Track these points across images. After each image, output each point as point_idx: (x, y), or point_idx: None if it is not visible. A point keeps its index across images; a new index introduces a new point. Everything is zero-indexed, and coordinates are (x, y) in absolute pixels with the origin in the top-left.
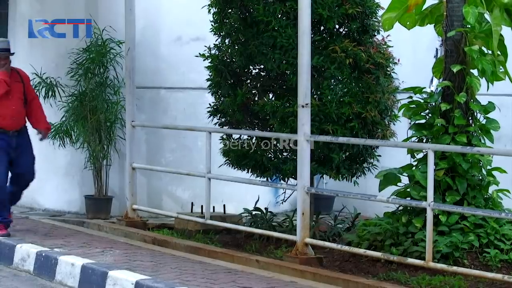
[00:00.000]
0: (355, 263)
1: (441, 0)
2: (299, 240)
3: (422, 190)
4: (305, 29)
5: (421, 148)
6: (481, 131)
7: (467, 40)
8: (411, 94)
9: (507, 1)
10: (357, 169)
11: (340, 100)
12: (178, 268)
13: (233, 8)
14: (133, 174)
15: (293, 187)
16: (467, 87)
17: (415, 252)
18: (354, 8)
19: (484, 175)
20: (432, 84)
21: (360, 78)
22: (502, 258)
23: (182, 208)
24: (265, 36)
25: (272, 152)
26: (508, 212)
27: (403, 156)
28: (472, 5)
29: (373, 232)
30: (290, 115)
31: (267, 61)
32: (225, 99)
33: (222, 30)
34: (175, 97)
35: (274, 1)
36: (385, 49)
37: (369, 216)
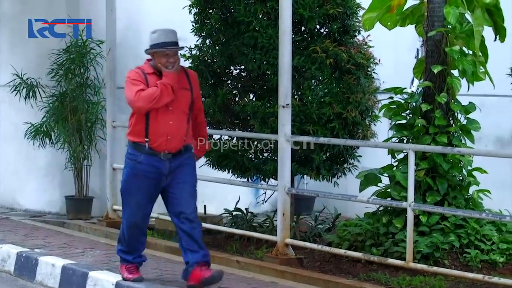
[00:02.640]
0: (335, 263)
1: (422, 1)
2: (280, 241)
3: (402, 191)
4: (286, 30)
5: (402, 149)
6: (461, 131)
7: (447, 41)
8: (392, 94)
9: (489, 1)
10: (338, 169)
11: (320, 101)
12: (159, 268)
13: (214, 8)
14: (113, 175)
15: (273, 188)
16: (447, 88)
17: (396, 253)
18: (335, 8)
19: (464, 176)
20: (413, 85)
21: (341, 79)
22: (483, 258)
23: (163, 208)
24: (246, 37)
25: (252, 152)
26: (489, 212)
27: (384, 156)
28: (453, 5)
29: (354, 233)
30: (271, 116)
31: (248, 62)
32: (206, 99)
33: (203, 30)
34: None
35: (255, 1)
36: (366, 50)
37: (350, 217)
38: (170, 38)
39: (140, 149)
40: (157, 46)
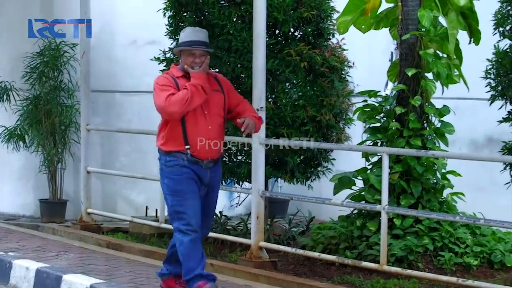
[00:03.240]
0: (309, 266)
1: (396, 4)
2: (254, 244)
3: (376, 194)
4: (260, 33)
5: (376, 152)
6: (436, 134)
7: (422, 44)
8: (366, 97)
9: (463, 4)
10: (312, 172)
11: (294, 104)
12: (133, 271)
13: (188, 11)
14: (87, 178)
15: (247, 191)
16: (422, 91)
17: (370, 256)
18: (309, 11)
19: (438, 179)
20: (387, 88)
21: (315, 82)
22: (457, 261)
23: (137, 211)
24: (220, 40)
25: (226, 155)
26: (463, 215)
27: (358, 159)
28: (427, 8)
29: (328, 236)
30: None
31: (222, 65)
32: None
33: (177, 33)
34: (130, 100)
35: (229, 4)
36: (340, 53)
37: (324, 220)
38: (198, 37)
39: (181, 156)
40: (184, 44)
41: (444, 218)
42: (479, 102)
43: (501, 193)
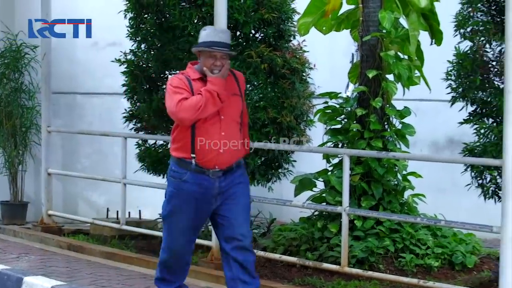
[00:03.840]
0: (270, 268)
1: (357, 5)
2: (215, 246)
3: (337, 195)
4: None
5: (337, 153)
6: (396, 136)
7: (383, 45)
8: (327, 99)
9: (424, 5)
10: (273, 174)
11: (255, 105)
12: (94, 273)
13: (149, 13)
14: (48, 180)
15: None
16: (383, 92)
17: (331, 257)
18: (270, 13)
19: (399, 180)
20: (348, 89)
21: (276, 83)
22: (418, 263)
23: (98, 213)
24: (181, 41)
25: None
26: (424, 217)
27: (319, 161)
28: (388, 10)
29: (289, 237)
30: None
31: (183, 66)
32: (141, 104)
33: (138, 35)
34: (91, 102)
35: (190, 6)
36: (301, 54)
37: (285, 221)
38: (220, 38)
39: (185, 166)
40: (203, 45)
41: (405, 220)
42: (440, 103)
43: (462, 194)
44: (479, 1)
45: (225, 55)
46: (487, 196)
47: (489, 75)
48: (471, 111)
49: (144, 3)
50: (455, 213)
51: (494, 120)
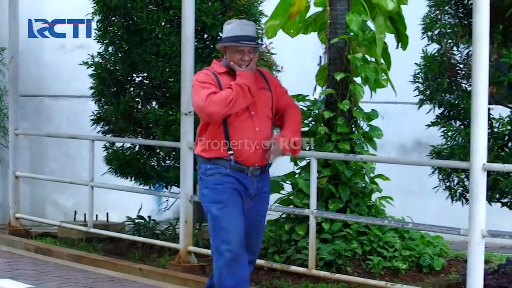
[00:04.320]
0: None
1: (325, 8)
2: (182, 248)
3: (305, 198)
4: (189, 37)
5: (304, 156)
6: (364, 138)
7: (350, 48)
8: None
9: (391, 8)
10: None
11: None
12: (61, 276)
13: (116, 16)
14: (16, 183)
15: (176, 195)
16: (350, 95)
17: (298, 260)
18: (237, 15)
19: (367, 183)
20: (315, 92)
21: None
22: (385, 265)
23: (66, 216)
24: (148, 44)
25: (155, 160)
26: (391, 219)
27: (286, 163)
28: (356, 13)
29: None
30: (173, 123)
31: (151, 69)
32: (108, 107)
33: (105, 38)
34: (59, 105)
35: (158, 9)
36: (268, 57)
37: None
38: (246, 32)
39: (224, 163)
40: (230, 39)
41: (372, 222)
42: (407, 106)
43: (429, 197)
44: (447, 4)
45: (253, 49)
46: (455, 199)
47: (456, 78)
48: (439, 113)
49: (112, 6)
50: (422, 216)
51: (461, 123)
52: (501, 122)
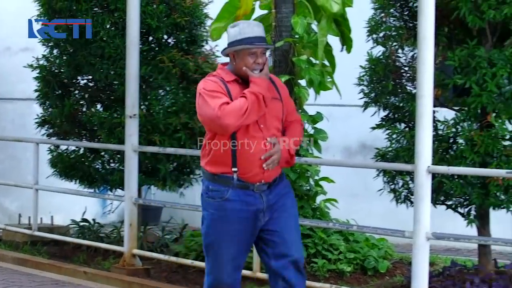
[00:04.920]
0: (182, 273)
1: (270, 11)
2: (127, 251)
3: None
4: (134, 39)
5: None
6: (309, 141)
7: (295, 51)
8: None
9: (336, 11)
10: (185, 180)
11: (167, 111)
12: (6, 280)
13: (61, 18)
14: None
15: (120, 198)
16: (295, 97)
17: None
18: (182, 18)
19: (311, 185)
20: None
21: (188, 88)
22: (330, 268)
23: (10, 219)
24: (93, 47)
25: (100, 162)
26: (336, 222)
27: None
28: (301, 15)
29: (201, 243)
30: (118, 126)
31: (95, 72)
32: (53, 109)
33: (50, 40)
34: (4, 107)
35: (103, 11)
36: (213, 59)
37: (197, 227)
38: (257, 33)
39: (226, 182)
40: (242, 42)
41: (317, 225)
42: (352, 108)
43: (374, 199)
44: (392, 7)
45: (264, 51)
46: (399, 201)
47: (401, 80)
48: (383, 116)
49: (57, 8)
50: (367, 218)
51: (406, 125)
52: (445, 125)
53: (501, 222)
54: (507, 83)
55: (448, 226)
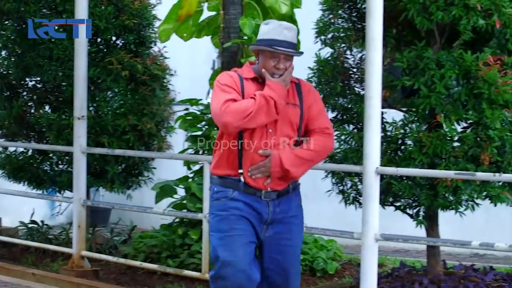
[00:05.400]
0: (131, 275)
1: (218, 12)
2: (75, 253)
3: (198, 202)
4: (82, 41)
5: (197, 160)
6: None
7: (243, 52)
8: (188, 106)
9: (285, 12)
10: (133, 181)
11: (116, 112)
12: None
13: (9, 19)
14: None
15: (69, 200)
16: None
17: (192, 264)
18: (131, 19)
19: None
20: (209, 96)
21: (136, 90)
22: None
23: None
24: (41, 48)
25: (48, 164)
26: None
27: (180, 168)
28: (249, 16)
29: (150, 245)
30: (66, 128)
31: (44, 73)
32: (1, 111)
33: None
34: None
35: (51, 13)
36: (161, 61)
37: (146, 229)
38: (285, 36)
39: (231, 185)
40: (264, 43)
41: None
42: None
43: (323, 200)
44: (340, 8)
45: (290, 57)
46: (348, 202)
47: (349, 82)
48: (332, 117)
49: (5, 9)
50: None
51: (354, 127)
52: (394, 126)
53: (450, 223)
54: (456, 84)
55: (396, 227)
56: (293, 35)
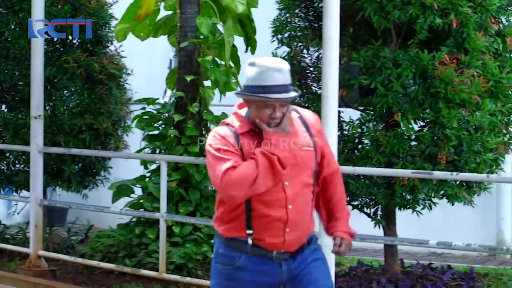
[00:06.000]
0: (88, 275)
1: (175, 11)
2: (32, 253)
3: (155, 201)
4: (38, 40)
5: (154, 159)
6: None
7: (200, 51)
8: (145, 105)
9: (241, 11)
10: (90, 181)
11: (72, 111)
12: None
13: None
14: None
15: (26, 199)
16: (200, 98)
17: (149, 264)
18: (87, 18)
19: None
20: (165, 95)
21: (93, 89)
22: None
23: None
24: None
25: (5, 163)
26: None
27: (137, 167)
28: (206, 16)
29: (107, 244)
30: (23, 127)
31: (0, 72)
32: None
33: None
34: None
35: (8, 12)
36: (118, 60)
37: (103, 228)
38: (276, 80)
39: (239, 247)
40: (254, 91)
41: None
42: None
43: None
44: (297, 7)
45: (284, 102)
46: None
47: (306, 81)
48: None
49: None
50: None
51: None
52: (351, 125)
53: (407, 222)
54: (412, 83)
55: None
56: (285, 76)
